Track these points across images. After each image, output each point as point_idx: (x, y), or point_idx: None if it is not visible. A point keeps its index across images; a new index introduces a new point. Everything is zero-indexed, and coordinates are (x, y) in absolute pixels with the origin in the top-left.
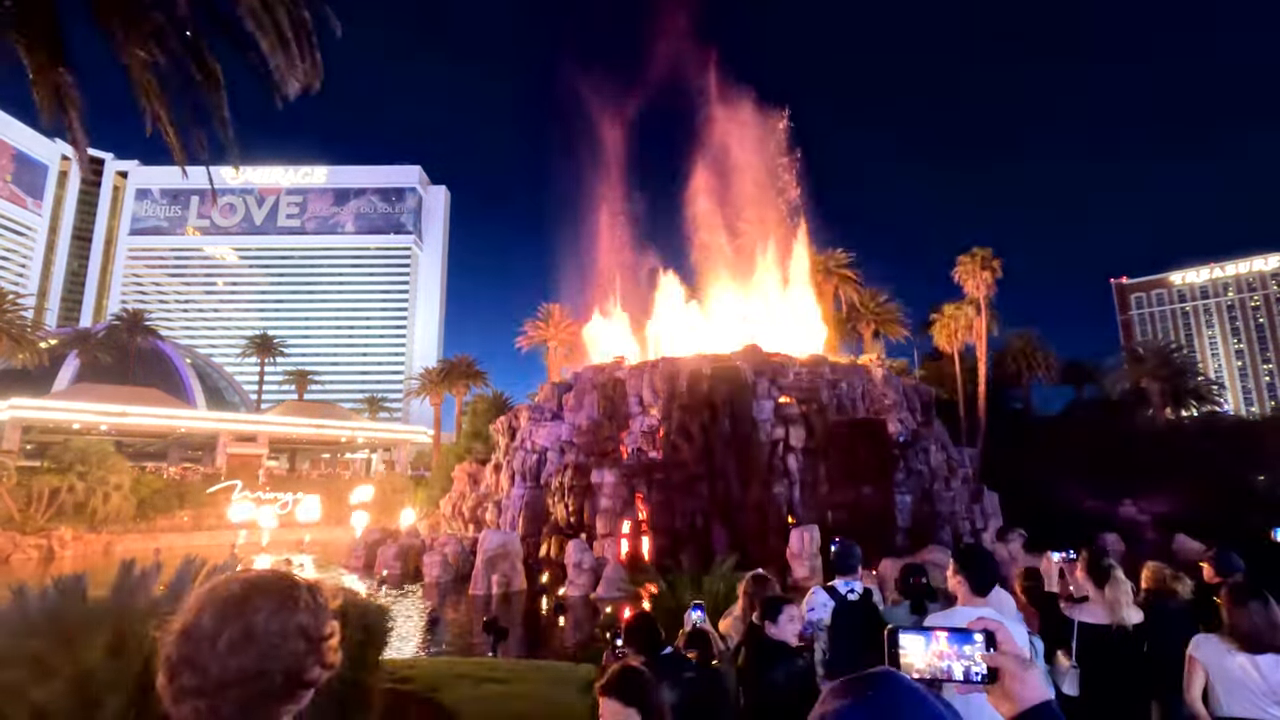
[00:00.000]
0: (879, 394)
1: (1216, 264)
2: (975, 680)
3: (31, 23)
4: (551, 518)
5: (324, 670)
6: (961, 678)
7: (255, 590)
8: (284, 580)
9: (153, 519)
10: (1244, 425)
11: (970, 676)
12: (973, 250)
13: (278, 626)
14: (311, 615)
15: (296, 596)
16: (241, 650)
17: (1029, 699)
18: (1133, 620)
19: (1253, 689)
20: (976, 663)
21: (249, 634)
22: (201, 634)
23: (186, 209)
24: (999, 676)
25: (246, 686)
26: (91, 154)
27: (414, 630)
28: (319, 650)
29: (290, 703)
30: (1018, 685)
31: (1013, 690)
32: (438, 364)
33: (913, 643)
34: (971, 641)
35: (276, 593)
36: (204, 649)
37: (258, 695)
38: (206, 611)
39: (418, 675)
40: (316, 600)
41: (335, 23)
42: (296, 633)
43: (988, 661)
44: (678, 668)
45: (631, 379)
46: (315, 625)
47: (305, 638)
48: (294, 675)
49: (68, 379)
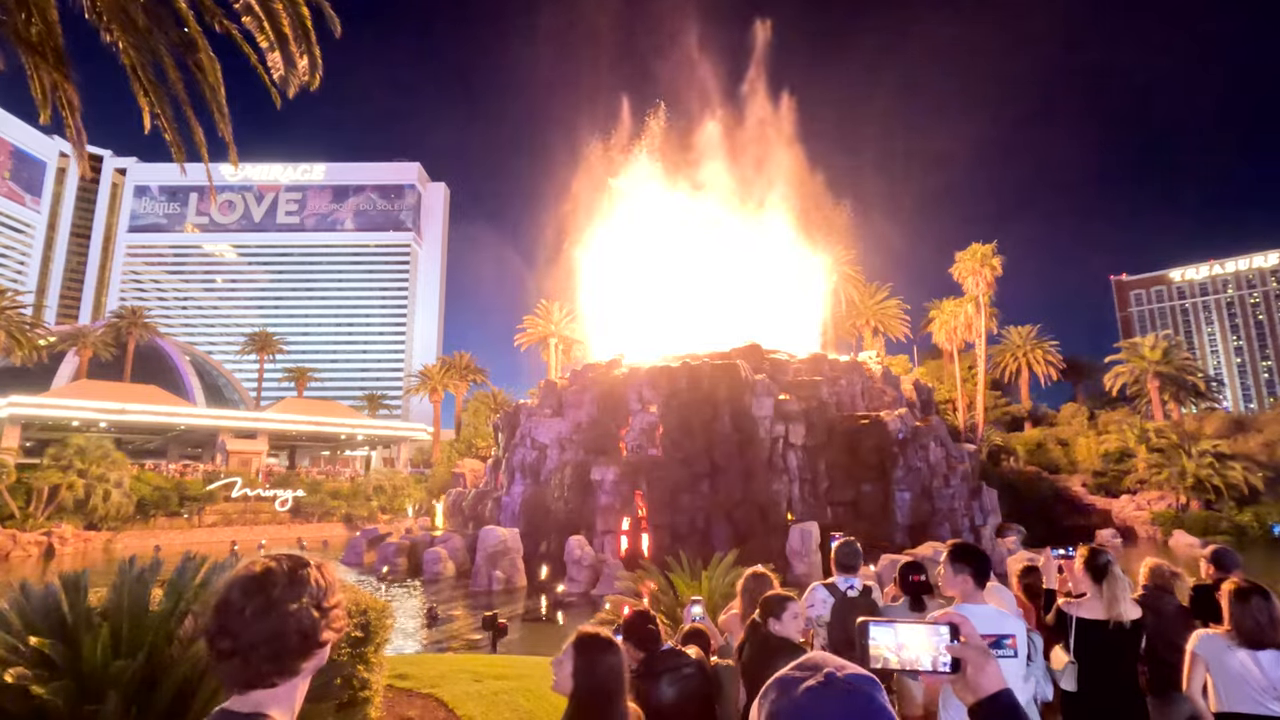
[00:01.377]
0: (878, 391)
1: (1216, 261)
2: (942, 670)
3: (30, 21)
4: (551, 514)
5: (334, 633)
6: (929, 668)
7: (272, 569)
8: (296, 560)
9: (152, 516)
10: (1242, 422)
11: (937, 667)
12: (972, 247)
13: (291, 597)
14: (319, 588)
15: (306, 574)
16: (263, 617)
17: (986, 688)
18: (1130, 616)
19: (1253, 685)
20: (942, 653)
21: (268, 604)
22: (231, 607)
23: (185, 206)
24: (961, 666)
25: (271, 644)
26: (90, 151)
27: (414, 627)
28: (328, 616)
29: (307, 659)
30: (979, 675)
31: (973, 680)
32: (437, 361)
33: (882, 634)
34: (938, 634)
35: (289, 570)
36: (234, 618)
37: (281, 652)
38: (236, 588)
39: (418, 671)
40: (324, 576)
41: (334, 20)
42: (308, 602)
43: (951, 652)
44: (676, 663)
45: (631, 376)
46: (323, 596)
47: (316, 606)
48: (309, 636)
49: (67, 376)
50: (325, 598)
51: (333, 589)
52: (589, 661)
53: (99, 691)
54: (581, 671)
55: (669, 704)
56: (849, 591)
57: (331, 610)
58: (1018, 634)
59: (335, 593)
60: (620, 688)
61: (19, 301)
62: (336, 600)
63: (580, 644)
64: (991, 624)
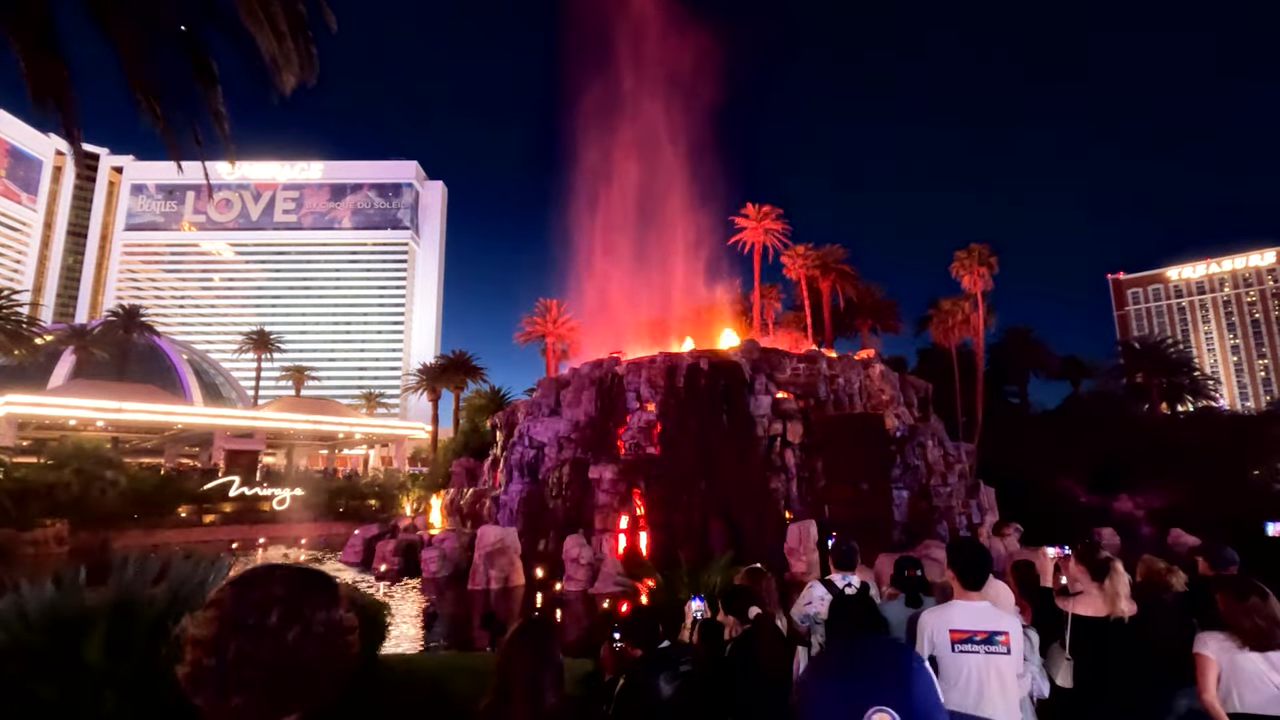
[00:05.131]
0: (876, 389)
1: (1213, 259)
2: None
3: (24, 16)
4: (549, 513)
5: (356, 657)
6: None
7: (310, 589)
8: (328, 580)
9: (149, 515)
10: (1239, 420)
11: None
12: (970, 246)
13: (330, 622)
14: (347, 610)
15: (340, 596)
16: (301, 645)
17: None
18: (1127, 613)
19: (1270, 686)
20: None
21: (308, 630)
22: (264, 631)
23: (182, 204)
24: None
25: (304, 671)
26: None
27: (413, 625)
28: (354, 638)
29: (334, 684)
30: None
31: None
32: (435, 360)
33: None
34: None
35: (327, 592)
36: (265, 643)
37: (312, 679)
38: (275, 610)
39: (417, 670)
40: (348, 597)
41: (331, 17)
42: (341, 627)
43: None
44: (675, 661)
45: (629, 374)
46: (350, 618)
47: (347, 630)
48: (342, 662)
49: (63, 375)
50: (352, 619)
51: (348, 608)
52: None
53: (97, 690)
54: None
55: (667, 701)
56: (846, 589)
57: (355, 632)
58: (1012, 631)
59: (351, 612)
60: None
61: (15, 300)
62: (355, 620)
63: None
64: (986, 620)
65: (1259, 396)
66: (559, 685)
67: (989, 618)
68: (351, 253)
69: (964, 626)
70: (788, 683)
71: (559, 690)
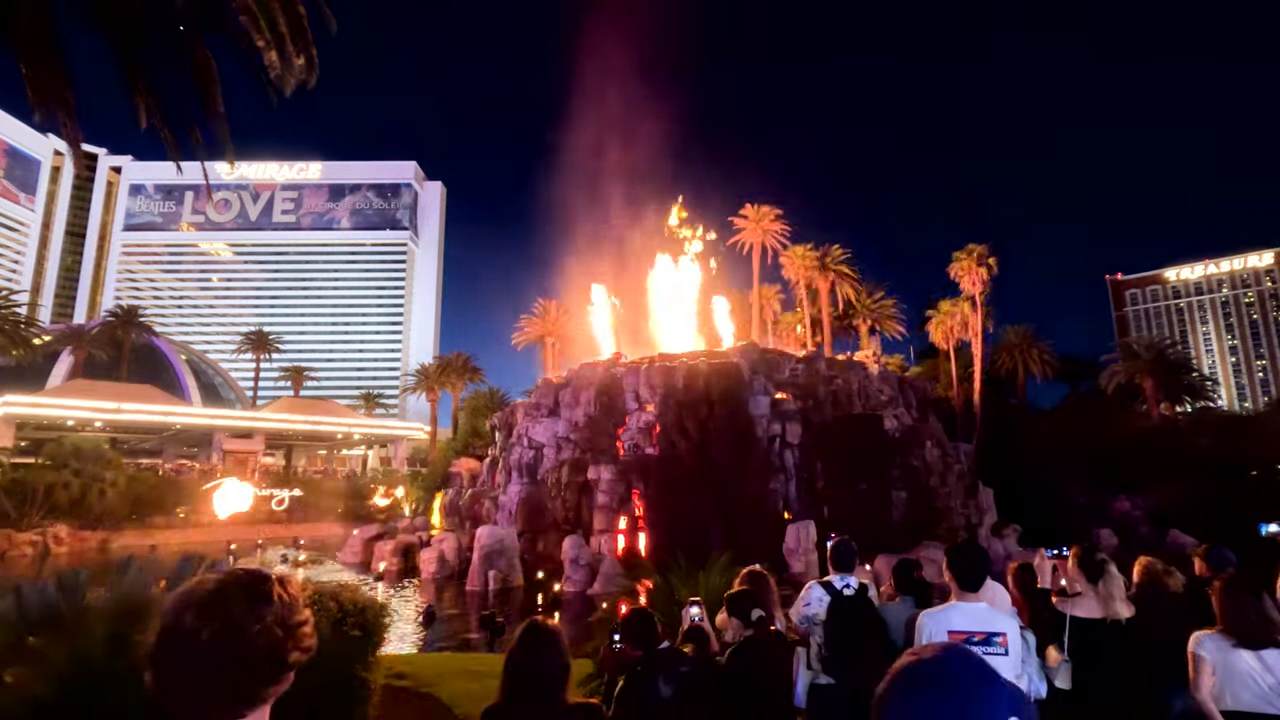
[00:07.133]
0: (875, 390)
1: (1211, 260)
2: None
3: (24, 17)
4: (548, 514)
5: (301, 654)
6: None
7: (229, 588)
8: (255, 576)
9: (148, 516)
10: (1238, 420)
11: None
12: (969, 247)
13: (254, 617)
14: (283, 605)
15: (268, 590)
16: (224, 641)
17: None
18: (1125, 614)
19: (1262, 685)
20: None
21: (228, 627)
22: (185, 632)
23: (181, 204)
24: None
25: (233, 671)
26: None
27: (411, 626)
28: (295, 636)
29: (273, 683)
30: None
31: None
32: (434, 360)
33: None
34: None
35: (248, 588)
36: (189, 644)
37: (244, 679)
38: (189, 610)
39: (415, 670)
40: (287, 592)
41: (330, 19)
42: (272, 622)
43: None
44: (673, 662)
45: (628, 375)
46: (288, 614)
47: (280, 625)
48: (275, 659)
49: (62, 375)
50: (291, 615)
51: (297, 605)
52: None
53: (98, 691)
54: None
55: (666, 703)
56: (845, 590)
57: (299, 629)
58: (1010, 632)
59: (300, 609)
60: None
61: (14, 300)
62: (303, 618)
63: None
64: (983, 622)
65: (1257, 397)
66: (567, 686)
67: (987, 619)
68: (350, 253)
69: (962, 628)
70: (788, 685)
71: (568, 691)
